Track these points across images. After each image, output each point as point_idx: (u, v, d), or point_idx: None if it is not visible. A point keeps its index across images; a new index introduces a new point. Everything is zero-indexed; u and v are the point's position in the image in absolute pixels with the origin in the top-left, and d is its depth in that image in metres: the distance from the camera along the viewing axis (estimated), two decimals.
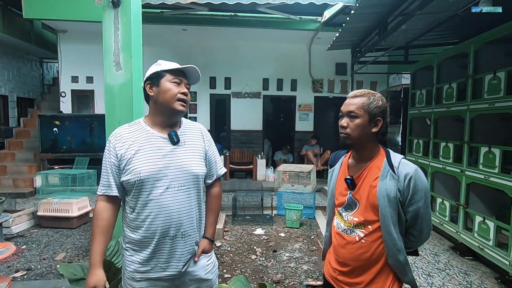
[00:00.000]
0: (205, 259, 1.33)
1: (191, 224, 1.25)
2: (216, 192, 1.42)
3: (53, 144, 6.37)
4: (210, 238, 1.36)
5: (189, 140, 1.28)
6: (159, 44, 7.13)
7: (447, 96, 3.66)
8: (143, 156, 1.18)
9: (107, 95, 2.51)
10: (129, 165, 1.17)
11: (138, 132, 1.23)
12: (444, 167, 3.60)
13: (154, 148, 1.20)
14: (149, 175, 1.16)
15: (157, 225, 1.18)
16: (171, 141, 1.22)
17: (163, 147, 1.21)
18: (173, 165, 1.20)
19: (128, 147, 1.19)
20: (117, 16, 2.46)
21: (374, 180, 1.14)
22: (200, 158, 1.29)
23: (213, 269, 1.37)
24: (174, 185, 1.20)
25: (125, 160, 1.18)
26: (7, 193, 5.32)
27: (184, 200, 1.22)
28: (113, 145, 1.21)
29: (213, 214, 1.40)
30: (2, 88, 8.06)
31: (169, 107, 1.20)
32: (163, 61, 1.25)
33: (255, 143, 7.91)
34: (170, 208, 1.19)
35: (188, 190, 1.23)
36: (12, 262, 3.03)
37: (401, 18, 3.48)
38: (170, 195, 1.19)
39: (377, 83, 7.80)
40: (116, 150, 1.20)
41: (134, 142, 1.20)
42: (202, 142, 1.32)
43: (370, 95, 1.15)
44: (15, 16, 7.15)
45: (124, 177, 1.18)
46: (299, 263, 3.10)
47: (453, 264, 3.12)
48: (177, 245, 1.22)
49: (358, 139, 1.16)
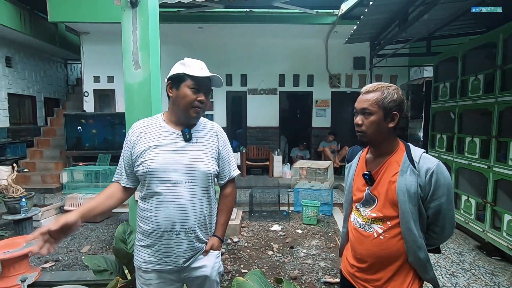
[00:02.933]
0: (214, 256, 1.33)
1: (197, 221, 1.25)
2: (228, 193, 1.41)
3: (77, 142, 6.65)
4: (219, 237, 1.36)
5: (202, 138, 1.28)
6: (176, 43, 7.24)
7: (473, 88, 3.48)
8: (154, 150, 1.22)
9: (127, 94, 2.58)
10: (142, 157, 1.22)
11: (153, 127, 1.27)
12: (470, 163, 3.44)
13: (166, 142, 1.23)
14: (157, 167, 1.20)
15: (162, 217, 1.21)
16: (183, 137, 1.24)
17: (175, 142, 1.23)
18: (183, 161, 1.22)
19: (142, 141, 1.24)
20: (135, 16, 2.52)
21: (393, 176, 1.10)
22: (211, 157, 1.28)
23: (219, 269, 1.37)
24: (181, 181, 1.21)
25: (139, 152, 1.23)
26: (36, 188, 5.63)
27: (191, 196, 1.22)
28: (130, 138, 1.27)
29: (224, 215, 1.39)
30: (31, 89, 8.50)
31: (184, 112, 1.23)
32: (189, 60, 1.23)
33: (271, 139, 7.89)
34: (176, 203, 1.21)
35: (196, 187, 1.23)
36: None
37: (422, 7, 3.34)
38: (177, 190, 1.21)
39: (397, 77, 7.55)
40: (132, 143, 1.26)
41: (149, 136, 1.24)
42: (216, 141, 1.32)
43: (384, 89, 1.10)
44: (41, 20, 7.50)
45: (136, 168, 1.24)
46: (316, 260, 3.07)
47: (479, 264, 2.98)
48: (181, 240, 1.22)
49: (374, 136, 1.12)
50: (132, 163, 1.25)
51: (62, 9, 6.22)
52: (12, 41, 7.61)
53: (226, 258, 3.11)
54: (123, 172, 1.30)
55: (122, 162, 1.30)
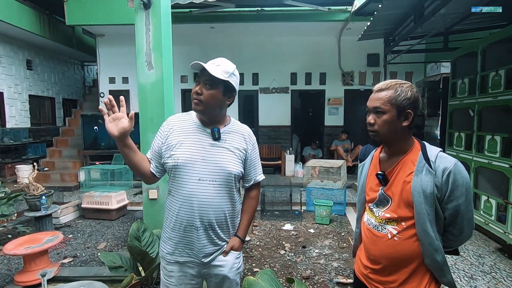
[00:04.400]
0: (233, 256, 1.34)
1: (218, 219, 1.27)
2: (253, 195, 1.44)
3: (94, 141, 6.85)
4: (241, 238, 1.37)
5: (230, 139, 1.31)
6: (188, 43, 7.31)
7: (493, 84, 3.34)
8: (184, 144, 1.26)
9: (140, 94, 2.63)
10: (172, 150, 1.26)
11: (187, 122, 1.32)
12: (490, 162, 3.31)
13: (196, 139, 1.27)
14: (185, 162, 1.23)
15: (185, 211, 1.25)
16: (212, 136, 1.27)
17: (204, 140, 1.27)
18: (209, 159, 1.25)
19: (175, 134, 1.28)
20: (148, 18, 2.56)
21: (408, 176, 1.07)
22: (237, 158, 1.30)
23: (239, 270, 1.38)
24: (206, 178, 1.24)
25: (169, 145, 1.27)
26: (55, 186, 5.84)
27: (214, 194, 1.25)
28: (164, 129, 1.32)
29: (247, 216, 1.41)
30: (50, 90, 8.81)
31: None
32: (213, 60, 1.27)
33: (283, 138, 7.85)
34: (199, 199, 1.23)
35: (220, 186, 1.26)
36: (61, 250, 3.33)
37: (439, 1, 3.23)
38: (201, 187, 1.23)
39: (413, 74, 7.35)
40: (165, 134, 1.30)
41: (181, 130, 1.29)
42: (244, 144, 1.34)
43: (397, 87, 1.06)
44: (59, 24, 7.75)
45: (165, 160, 1.27)
46: (329, 260, 3.04)
47: (500, 267, 2.87)
48: (200, 236, 1.25)
49: (387, 135, 1.09)
50: (161, 153, 1.29)
51: (79, 12, 6.42)
52: (33, 44, 7.91)
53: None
54: (153, 159, 1.32)
55: (152, 149, 1.33)
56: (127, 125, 1.15)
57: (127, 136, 1.18)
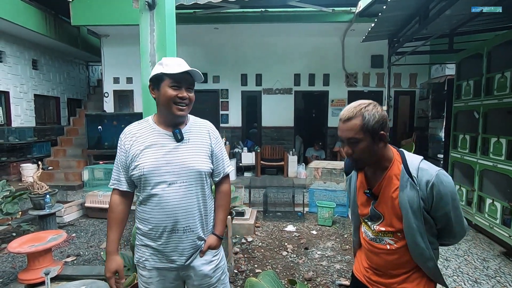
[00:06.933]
0: (210, 255, 1.32)
1: (193, 220, 1.26)
2: (225, 189, 1.41)
3: (98, 141, 6.89)
4: (218, 235, 1.36)
5: (193, 138, 1.29)
6: (192, 44, 7.34)
7: (499, 86, 3.31)
8: (147, 152, 1.22)
9: (144, 94, 2.64)
10: (135, 161, 1.23)
11: (145, 130, 1.27)
12: (495, 164, 3.28)
13: (158, 145, 1.23)
14: (151, 170, 1.20)
15: (160, 219, 1.22)
16: (175, 138, 1.24)
17: (167, 144, 1.24)
18: (176, 161, 1.22)
19: (135, 144, 1.24)
20: (152, 18, 2.57)
21: (393, 192, 1.06)
22: (205, 155, 1.29)
23: (219, 266, 1.36)
24: (177, 181, 1.22)
25: (132, 156, 1.24)
26: (59, 185, 5.88)
27: (187, 196, 1.23)
28: (123, 142, 1.27)
29: (222, 211, 1.39)
30: (55, 90, 8.88)
31: (169, 111, 1.23)
32: (166, 59, 1.24)
33: (286, 139, 7.85)
34: (172, 204, 1.21)
35: (191, 187, 1.24)
36: (64, 248, 3.35)
37: (444, 2, 3.21)
38: (173, 191, 1.21)
39: (417, 75, 7.31)
40: (125, 147, 1.26)
41: (141, 139, 1.25)
42: (208, 139, 1.32)
43: (363, 112, 1.02)
44: (64, 24, 7.82)
45: (131, 172, 1.24)
46: (332, 262, 3.03)
47: (505, 271, 2.84)
48: (180, 239, 1.24)
49: (368, 160, 1.08)
50: (128, 167, 1.26)
51: (84, 13, 6.48)
52: (38, 44, 7.98)
53: (240, 257, 3.13)
54: (121, 177, 1.29)
55: (118, 167, 1.29)
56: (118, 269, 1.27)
57: (120, 262, 1.28)
